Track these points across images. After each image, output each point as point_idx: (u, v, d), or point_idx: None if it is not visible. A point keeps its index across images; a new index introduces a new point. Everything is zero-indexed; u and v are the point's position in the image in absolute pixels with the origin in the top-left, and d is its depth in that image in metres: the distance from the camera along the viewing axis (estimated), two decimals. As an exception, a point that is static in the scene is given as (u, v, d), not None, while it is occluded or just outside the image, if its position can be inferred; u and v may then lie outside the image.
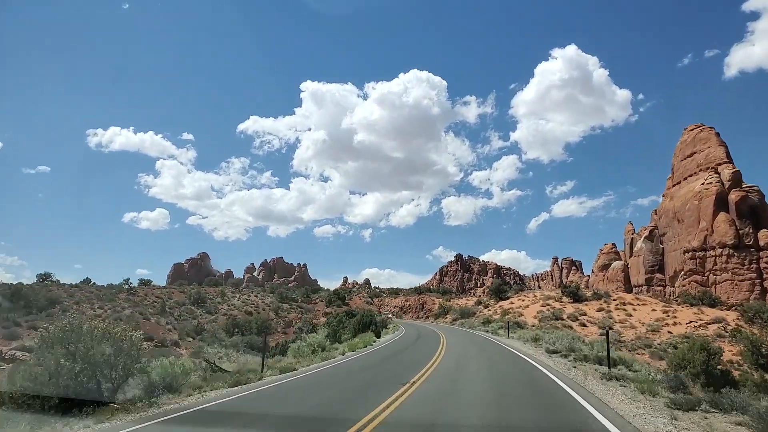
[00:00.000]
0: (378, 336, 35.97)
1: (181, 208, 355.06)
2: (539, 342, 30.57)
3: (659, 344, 47.00)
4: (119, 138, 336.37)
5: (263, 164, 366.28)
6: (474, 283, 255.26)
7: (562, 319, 56.61)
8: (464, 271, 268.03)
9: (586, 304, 64.01)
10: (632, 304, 63.65)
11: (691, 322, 55.23)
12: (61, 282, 68.86)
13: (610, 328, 56.54)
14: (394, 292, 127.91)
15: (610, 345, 39.65)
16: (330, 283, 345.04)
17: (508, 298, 75.73)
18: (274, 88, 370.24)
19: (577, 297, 66.43)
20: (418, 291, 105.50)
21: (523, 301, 72.41)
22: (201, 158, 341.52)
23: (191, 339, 43.85)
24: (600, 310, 60.07)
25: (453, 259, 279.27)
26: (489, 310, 72.00)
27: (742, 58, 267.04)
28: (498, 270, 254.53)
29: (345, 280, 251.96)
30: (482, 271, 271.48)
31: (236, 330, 52.58)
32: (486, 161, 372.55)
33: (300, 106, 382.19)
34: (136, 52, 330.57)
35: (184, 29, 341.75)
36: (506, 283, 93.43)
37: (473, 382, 13.54)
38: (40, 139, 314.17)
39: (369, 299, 74.73)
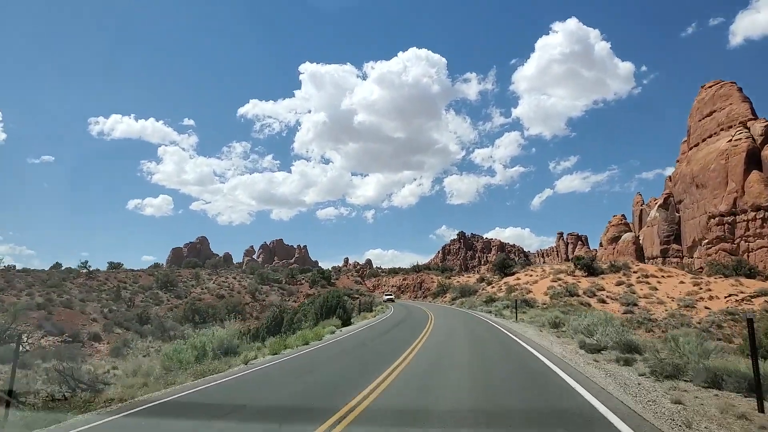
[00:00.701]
0: (346, 323, 27.00)
1: (184, 194, 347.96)
2: (562, 328, 21.27)
3: (698, 322, 38.12)
4: (121, 126, 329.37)
5: (264, 148, 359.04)
6: (477, 261, 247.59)
7: (578, 295, 49.32)
8: (467, 249, 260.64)
9: (603, 278, 56.01)
10: (656, 277, 55.25)
11: (730, 295, 46.62)
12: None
13: (635, 305, 47.74)
14: (393, 271, 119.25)
15: (637, 325, 28.96)
16: (332, 264, 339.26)
17: (513, 274, 67.35)
18: (273, 71, 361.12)
19: (592, 270, 57.74)
20: (417, 269, 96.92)
21: (530, 276, 64.17)
22: (202, 143, 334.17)
23: (124, 330, 34.90)
24: (620, 284, 51.65)
25: (455, 237, 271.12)
26: (493, 287, 63.49)
27: (747, 25, 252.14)
28: (502, 247, 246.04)
29: (346, 261, 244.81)
30: (486, 248, 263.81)
31: (196, 317, 43.70)
32: (488, 138, 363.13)
33: (299, 89, 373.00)
34: (135, 39, 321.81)
35: (182, 14, 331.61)
36: (511, 258, 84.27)
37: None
38: (43, 130, 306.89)
39: (358, 278, 66.35)
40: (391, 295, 70.64)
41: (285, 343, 16.41)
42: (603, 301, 46.84)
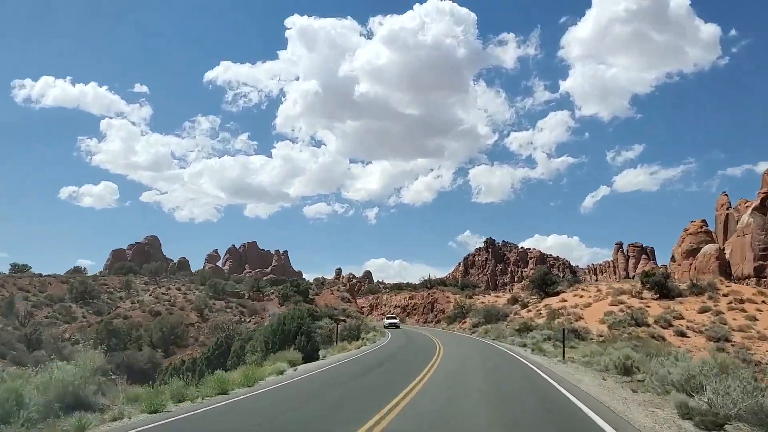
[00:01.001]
0: (310, 358, 23.39)
1: (133, 181, 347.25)
2: (637, 376, 17.39)
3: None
4: (53, 91, 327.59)
5: (238, 124, 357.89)
6: (510, 278, 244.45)
7: (647, 325, 47.24)
8: (497, 262, 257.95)
9: (681, 302, 52.74)
10: (754, 302, 52.38)
11: None
12: None
13: (727, 340, 44.32)
14: (397, 287, 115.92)
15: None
16: (321, 276, 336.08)
17: (557, 294, 64.10)
18: (251, 26, 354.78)
19: (665, 291, 54.46)
20: (428, 284, 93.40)
21: (581, 297, 61.03)
22: (158, 117, 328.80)
23: (-1, 358, 31.54)
24: (704, 310, 48.73)
25: (482, 245, 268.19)
26: (529, 310, 60.10)
27: None
28: (542, 259, 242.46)
29: (338, 272, 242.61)
30: (521, 261, 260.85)
31: (113, 341, 40.30)
32: (528, 119, 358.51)
33: (285, 49, 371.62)
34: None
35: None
36: (554, 273, 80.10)
37: None
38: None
39: (347, 295, 62.70)
40: (395, 318, 69.19)
41: (184, 393, 12.73)
42: (682, 334, 44.04)
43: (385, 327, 61.51)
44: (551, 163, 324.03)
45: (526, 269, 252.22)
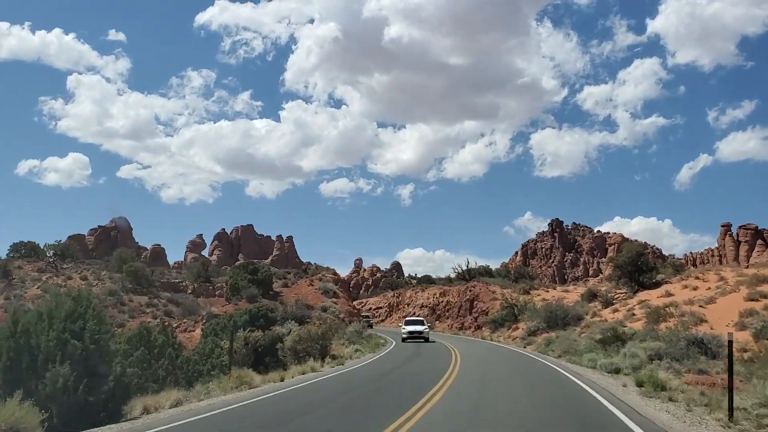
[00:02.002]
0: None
1: (109, 152, 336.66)
2: None
3: None
4: (8, 40, 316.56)
5: (237, 80, 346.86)
6: (583, 269, 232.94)
7: None
8: (566, 250, 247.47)
9: None
10: None
11: None
12: None
13: None
14: (428, 281, 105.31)
15: None
16: (339, 269, 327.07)
17: (657, 285, 52.32)
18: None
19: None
20: (466, 276, 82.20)
21: (695, 289, 49.66)
22: (138, 71, 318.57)
23: None
24: None
25: (546, 229, 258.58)
26: (616, 309, 48.66)
27: None
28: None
29: (358, 264, 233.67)
30: (597, 248, 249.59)
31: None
32: (607, 69, 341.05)
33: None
34: None
35: None
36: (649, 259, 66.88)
37: None
38: None
39: (328, 290, 51.49)
40: (420, 324, 55.32)
41: None
42: None
43: (404, 339, 50.68)
44: (636, 126, 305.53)
45: (603, 259, 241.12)
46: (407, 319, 61.55)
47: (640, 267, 54.96)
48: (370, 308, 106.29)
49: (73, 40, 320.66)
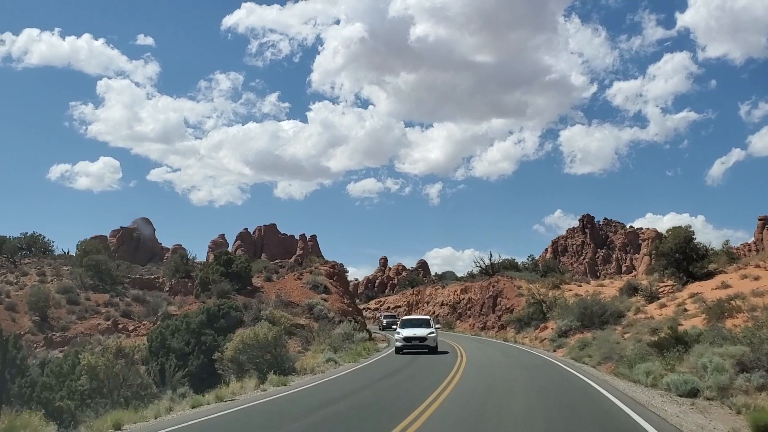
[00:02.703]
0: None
1: (139, 156, 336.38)
2: None
3: None
4: (38, 46, 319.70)
5: (265, 82, 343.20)
6: (616, 266, 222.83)
7: None
8: (597, 246, 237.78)
9: None
10: None
11: None
12: None
13: None
14: (450, 277, 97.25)
15: None
16: (365, 268, 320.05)
17: (710, 275, 43.74)
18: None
19: None
20: (489, 271, 73.87)
21: (756, 279, 40.76)
22: (167, 75, 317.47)
23: None
24: None
25: (577, 224, 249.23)
26: (663, 305, 40.20)
27: None
28: (660, 241, 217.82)
29: (383, 263, 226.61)
30: (630, 244, 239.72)
31: None
32: (636, 64, 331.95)
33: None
34: None
35: None
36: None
37: None
38: None
39: (318, 285, 43.22)
40: (426, 326, 39.51)
41: None
42: None
43: (399, 350, 37.16)
44: (667, 121, 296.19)
45: (635, 255, 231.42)
46: (404, 318, 45.19)
47: (689, 255, 46.14)
48: (389, 307, 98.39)
49: (102, 45, 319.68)
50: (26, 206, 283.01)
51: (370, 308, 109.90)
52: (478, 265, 75.42)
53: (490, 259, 74.81)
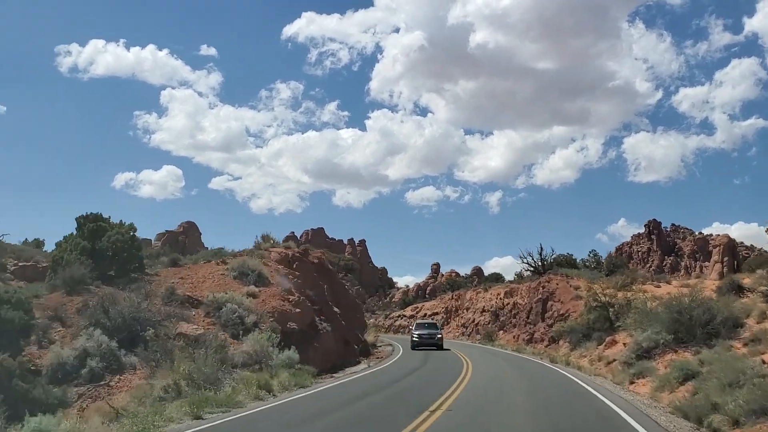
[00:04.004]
0: None
1: (201, 165, 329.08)
2: None
3: None
4: (104, 57, 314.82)
5: (324, 91, 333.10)
6: (685, 274, 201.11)
7: None
8: (665, 253, 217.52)
9: None
10: None
11: None
12: None
13: None
14: (495, 279, 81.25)
15: None
16: (420, 275, 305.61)
17: None
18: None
19: None
20: (539, 268, 57.36)
21: None
22: (229, 85, 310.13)
23: None
24: None
25: (643, 231, 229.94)
26: None
27: None
28: (732, 248, 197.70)
29: (436, 269, 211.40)
30: (700, 251, 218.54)
31: None
32: (702, 70, 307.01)
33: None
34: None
35: None
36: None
37: None
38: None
39: (248, 272, 28.22)
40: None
41: None
42: None
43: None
44: (735, 128, 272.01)
45: (707, 263, 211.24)
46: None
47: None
48: (425, 314, 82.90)
49: (166, 55, 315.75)
50: (92, 212, 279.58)
51: (405, 315, 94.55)
52: (524, 260, 58.86)
53: (540, 254, 58.41)
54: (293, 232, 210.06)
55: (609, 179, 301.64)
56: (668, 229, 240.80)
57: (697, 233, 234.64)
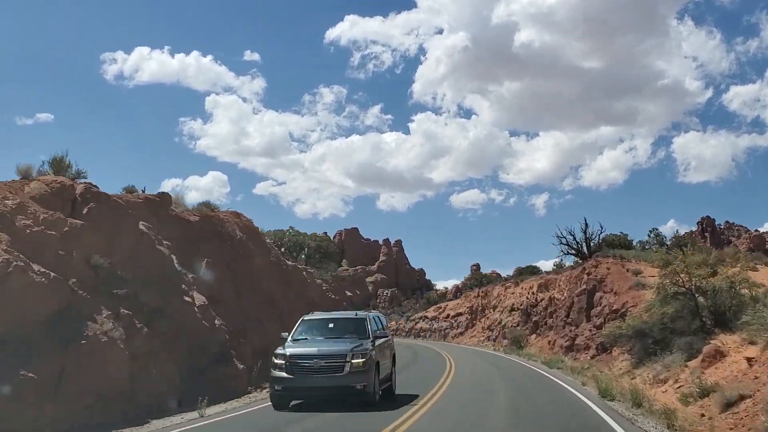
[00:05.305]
0: None
1: (245, 170, 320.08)
2: None
3: None
4: (149, 64, 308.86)
5: (367, 94, 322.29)
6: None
7: None
8: (718, 248, 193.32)
9: None
10: None
11: None
12: None
13: None
14: (530, 272, 66.06)
15: None
16: (460, 277, 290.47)
17: None
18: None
19: None
20: (582, 252, 41.70)
21: None
22: (273, 90, 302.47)
23: None
24: None
25: (696, 228, 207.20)
26: None
27: None
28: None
29: (476, 269, 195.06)
30: (755, 249, 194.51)
31: None
32: (753, 68, 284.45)
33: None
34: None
35: None
36: None
37: None
38: (36, 75, 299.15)
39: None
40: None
41: None
42: None
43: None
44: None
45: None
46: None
47: None
48: (448, 315, 67.94)
49: (210, 62, 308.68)
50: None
51: (427, 317, 79.53)
52: (562, 240, 42.99)
53: (585, 232, 42.60)
54: (326, 232, 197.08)
55: (658, 180, 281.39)
56: (722, 227, 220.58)
57: (753, 231, 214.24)
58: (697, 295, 21.35)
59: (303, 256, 49.85)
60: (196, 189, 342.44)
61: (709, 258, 29.03)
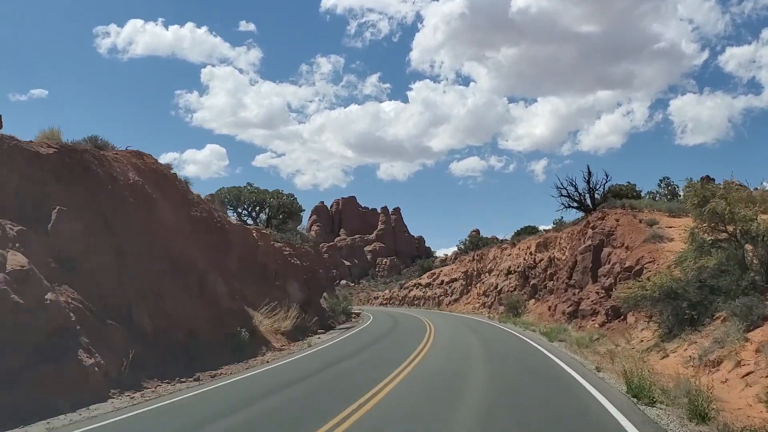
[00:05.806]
0: None
1: (244, 142, 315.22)
2: None
3: None
4: (142, 37, 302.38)
5: (365, 63, 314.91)
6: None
7: None
8: None
9: None
10: None
11: None
12: None
13: None
14: (530, 231, 60.37)
15: None
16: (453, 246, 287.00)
17: None
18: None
19: None
20: (585, 205, 35.98)
21: None
22: (269, 61, 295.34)
23: None
24: None
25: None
26: None
27: None
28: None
29: (475, 234, 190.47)
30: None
31: None
32: (748, 29, 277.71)
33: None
34: None
35: None
36: None
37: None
38: (29, 51, 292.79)
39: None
40: None
41: None
42: None
43: None
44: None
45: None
46: None
47: None
48: (442, 282, 62.58)
49: (205, 33, 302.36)
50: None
51: (421, 284, 74.18)
52: (562, 191, 37.32)
53: (588, 181, 36.86)
54: (323, 202, 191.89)
55: (656, 143, 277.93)
56: (721, 185, 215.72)
57: (753, 189, 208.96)
58: (743, 242, 15.83)
59: (264, 217, 44.06)
60: (194, 162, 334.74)
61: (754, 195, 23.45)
